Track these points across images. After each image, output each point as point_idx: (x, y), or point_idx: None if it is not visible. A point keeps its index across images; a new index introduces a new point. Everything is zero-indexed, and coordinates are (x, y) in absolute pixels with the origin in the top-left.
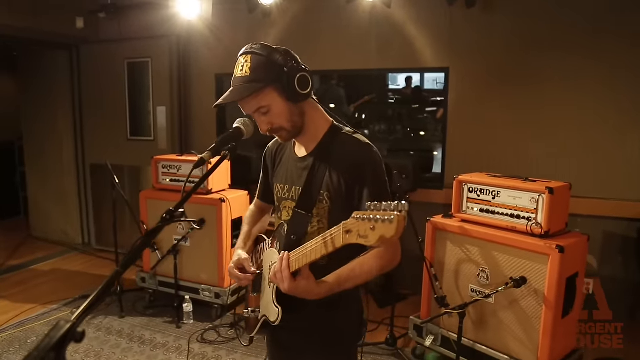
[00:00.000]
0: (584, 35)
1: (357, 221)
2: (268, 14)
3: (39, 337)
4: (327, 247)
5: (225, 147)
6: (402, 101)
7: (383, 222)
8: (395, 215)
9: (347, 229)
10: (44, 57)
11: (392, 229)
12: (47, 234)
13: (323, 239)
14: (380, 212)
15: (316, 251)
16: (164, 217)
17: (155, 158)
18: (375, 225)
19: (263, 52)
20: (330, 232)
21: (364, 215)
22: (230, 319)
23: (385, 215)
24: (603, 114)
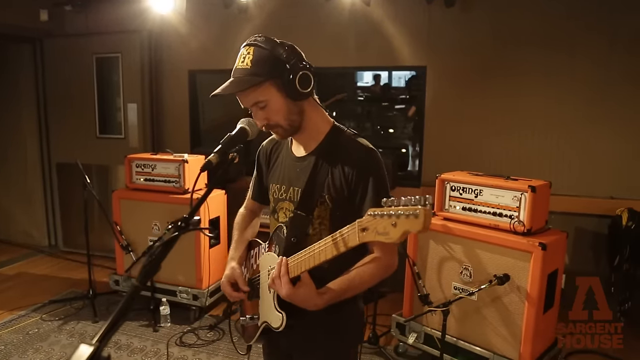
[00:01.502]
0: (563, 30)
1: (373, 218)
2: (244, 9)
3: (8, 345)
4: (338, 247)
5: (233, 149)
6: (371, 99)
7: (407, 217)
8: (421, 209)
9: (363, 227)
10: (6, 50)
11: (419, 224)
12: (10, 236)
13: (333, 239)
14: (401, 207)
15: (326, 252)
16: (180, 226)
17: (128, 157)
18: (397, 221)
19: (266, 46)
20: (340, 232)
21: (382, 212)
22: (209, 321)
23: (410, 210)
24: (577, 110)
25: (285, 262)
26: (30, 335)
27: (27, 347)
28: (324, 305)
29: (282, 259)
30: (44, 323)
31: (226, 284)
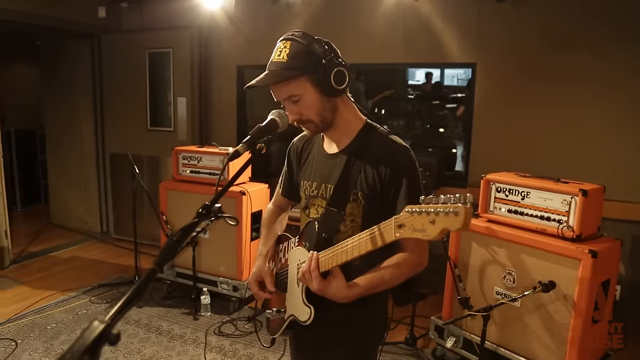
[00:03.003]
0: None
1: (411, 215)
2: (292, 5)
3: (59, 323)
4: (374, 242)
5: (261, 139)
6: (421, 97)
7: (447, 214)
8: (462, 207)
9: (399, 223)
10: (66, 46)
11: (459, 222)
12: (66, 222)
13: (370, 233)
14: (440, 205)
15: (360, 247)
16: (201, 213)
17: (175, 149)
18: (435, 219)
19: (303, 40)
20: (378, 227)
21: (420, 209)
22: (248, 313)
23: (450, 208)
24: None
25: (316, 257)
26: (79, 316)
27: (75, 327)
28: (354, 298)
29: (313, 253)
30: (92, 305)
31: (253, 282)
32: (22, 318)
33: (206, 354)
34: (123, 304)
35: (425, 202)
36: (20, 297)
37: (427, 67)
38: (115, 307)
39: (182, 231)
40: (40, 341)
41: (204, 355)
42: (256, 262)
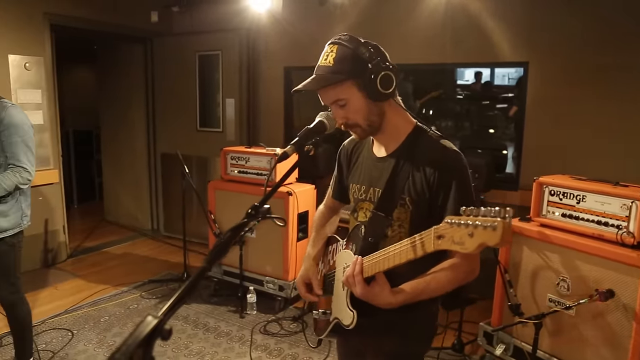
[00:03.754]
0: None
1: (450, 226)
2: (339, 6)
3: (111, 316)
4: (415, 251)
5: (309, 141)
6: (471, 97)
7: (485, 228)
8: (500, 221)
9: (439, 234)
10: (120, 50)
11: (496, 237)
12: (119, 219)
13: (411, 242)
14: (479, 217)
15: (401, 255)
16: (250, 213)
17: (224, 149)
18: (474, 232)
19: (350, 45)
20: (420, 236)
21: (459, 221)
22: (293, 312)
23: (488, 222)
24: None
25: (360, 261)
26: (131, 310)
27: (127, 320)
28: (397, 305)
29: (358, 258)
30: (143, 300)
31: (301, 283)
32: (78, 310)
33: (252, 352)
34: (175, 300)
35: (465, 213)
36: (76, 289)
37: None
38: (167, 303)
39: (232, 231)
40: (94, 332)
41: (250, 353)
42: (304, 264)
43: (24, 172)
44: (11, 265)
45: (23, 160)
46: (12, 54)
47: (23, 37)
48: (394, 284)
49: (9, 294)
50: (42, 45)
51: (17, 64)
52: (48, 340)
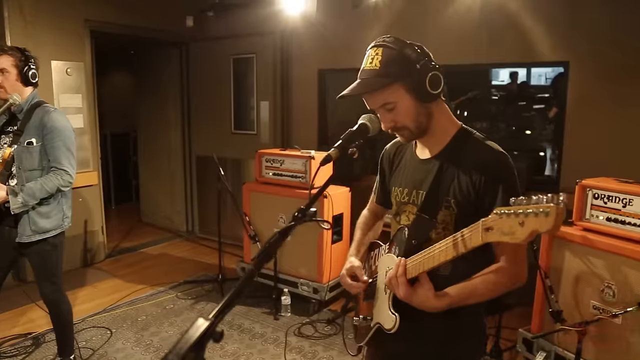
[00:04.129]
0: None
1: (499, 217)
2: (372, 8)
3: (148, 316)
4: (457, 248)
5: (353, 144)
6: (506, 98)
7: (536, 215)
8: (553, 206)
9: (487, 226)
10: (156, 54)
11: (549, 222)
12: (155, 220)
13: (454, 239)
14: (530, 205)
15: (447, 252)
16: (296, 216)
17: (259, 152)
18: (525, 220)
19: (395, 46)
20: (461, 232)
21: (509, 210)
22: (327, 315)
23: (540, 208)
24: None
25: (404, 263)
26: (167, 310)
27: (163, 320)
28: (443, 308)
29: (401, 259)
30: (179, 300)
31: (345, 275)
32: (116, 309)
33: (286, 354)
34: (225, 303)
35: (515, 203)
36: (114, 289)
37: (514, 67)
38: (218, 306)
39: (280, 234)
40: (132, 331)
41: (284, 355)
42: (348, 259)
43: (65, 174)
44: (53, 265)
45: (65, 164)
46: (55, 60)
47: (65, 44)
48: (438, 289)
49: (51, 293)
50: (83, 51)
51: (59, 69)
52: (88, 337)
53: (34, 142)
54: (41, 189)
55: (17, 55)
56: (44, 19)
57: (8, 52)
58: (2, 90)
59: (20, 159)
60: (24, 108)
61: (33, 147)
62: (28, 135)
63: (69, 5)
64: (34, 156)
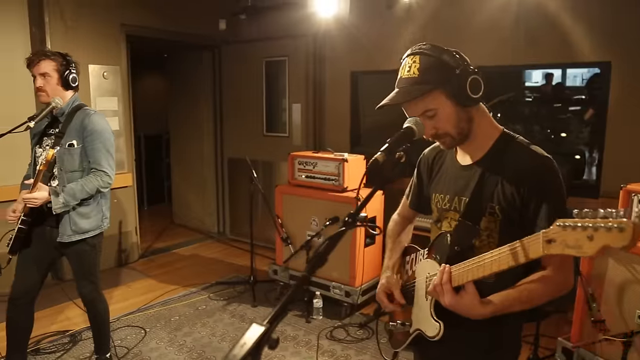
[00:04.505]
0: None
1: (562, 229)
2: (406, 9)
3: (181, 316)
4: (516, 258)
5: (399, 148)
6: (541, 99)
7: (609, 230)
8: (627, 221)
9: (549, 238)
10: (189, 57)
11: (625, 238)
12: (186, 221)
13: (510, 249)
14: (598, 219)
15: (500, 262)
16: (347, 221)
17: (292, 154)
18: (594, 235)
19: (433, 53)
20: (521, 242)
21: (575, 223)
22: (359, 319)
23: (613, 223)
24: None
25: (448, 270)
26: (199, 311)
27: (196, 321)
28: (487, 315)
29: (445, 266)
30: (211, 301)
31: (382, 293)
32: (149, 309)
33: (318, 357)
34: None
35: (579, 215)
36: (147, 289)
37: (553, 68)
38: (272, 312)
39: (330, 239)
40: (165, 331)
41: (317, 358)
42: (384, 274)
43: (105, 176)
44: (91, 265)
45: (104, 165)
46: (92, 64)
47: (102, 48)
48: (481, 296)
49: (89, 292)
50: (119, 54)
51: (96, 73)
52: (123, 336)
53: (75, 144)
54: (82, 190)
55: (59, 59)
56: (83, 24)
57: (50, 57)
58: (44, 94)
59: (62, 161)
60: (65, 111)
61: (74, 149)
62: (69, 137)
63: (106, 10)
64: (74, 158)
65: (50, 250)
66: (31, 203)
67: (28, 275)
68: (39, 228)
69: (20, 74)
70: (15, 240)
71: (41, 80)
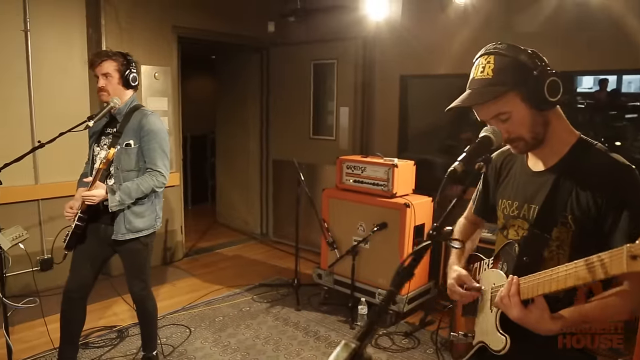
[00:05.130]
0: None
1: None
2: (461, 12)
3: (225, 317)
4: (594, 273)
5: (479, 158)
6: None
7: None
8: None
9: (634, 254)
10: (237, 59)
11: None
12: (230, 222)
13: (587, 263)
14: None
15: (577, 276)
16: (431, 234)
17: (340, 158)
18: None
19: (509, 53)
20: (599, 257)
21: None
22: (405, 328)
23: None
24: None
25: (517, 282)
26: (243, 312)
27: (240, 322)
28: (557, 332)
29: (513, 278)
30: (255, 303)
31: (455, 285)
32: (194, 308)
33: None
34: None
35: None
36: (191, 288)
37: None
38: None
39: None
40: (209, 331)
41: None
42: (450, 271)
43: (159, 176)
44: (143, 264)
45: (159, 165)
46: (144, 65)
47: (154, 49)
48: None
49: (140, 290)
50: (170, 56)
51: (148, 74)
52: (168, 334)
53: (132, 143)
54: (137, 189)
55: (120, 59)
56: (137, 26)
57: (112, 57)
58: (105, 93)
59: (119, 160)
60: (123, 111)
61: (131, 148)
62: (127, 137)
63: (160, 12)
64: (131, 157)
65: (104, 247)
66: (89, 200)
67: (82, 270)
68: (94, 225)
69: (75, 74)
70: (72, 237)
71: (103, 80)
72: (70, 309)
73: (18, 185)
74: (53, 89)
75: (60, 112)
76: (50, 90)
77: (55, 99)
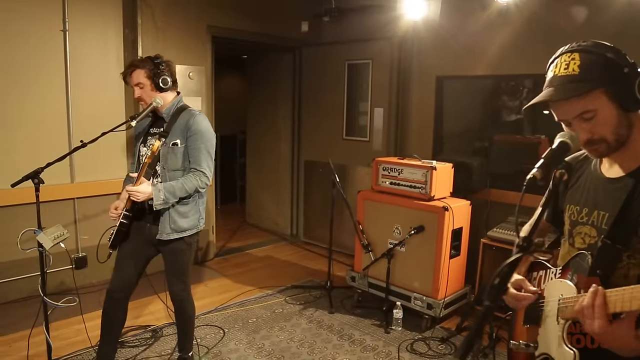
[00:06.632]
0: None
1: None
2: (503, 11)
3: (258, 318)
4: None
5: (559, 164)
6: None
7: None
8: None
9: None
10: (269, 59)
11: None
12: (259, 222)
13: None
14: None
15: None
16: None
17: (376, 160)
18: None
19: (597, 50)
20: None
21: None
22: (440, 333)
23: None
24: None
25: (602, 293)
26: (276, 314)
27: (273, 324)
28: (637, 353)
29: (598, 288)
30: (287, 305)
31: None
32: (227, 309)
33: None
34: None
35: None
36: (223, 288)
37: None
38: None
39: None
40: (243, 333)
41: None
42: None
43: (203, 176)
44: (185, 264)
45: (204, 166)
46: (179, 64)
47: (189, 49)
48: None
49: (180, 291)
50: (204, 55)
51: (182, 73)
52: (202, 335)
53: (179, 143)
54: (181, 188)
55: (148, 65)
56: (172, 25)
57: (139, 66)
58: (143, 102)
59: (166, 159)
60: (170, 111)
61: (178, 148)
62: (173, 136)
63: (195, 11)
64: (178, 157)
65: (148, 246)
66: (134, 196)
67: (126, 270)
68: (139, 224)
69: (111, 74)
70: (117, 235)
71: (138, 91)
72: (113, 308)
73: (55, 184)
74: (89, 89)
75: (96, 111)
76: (87, 90)
77: (91, 99)
